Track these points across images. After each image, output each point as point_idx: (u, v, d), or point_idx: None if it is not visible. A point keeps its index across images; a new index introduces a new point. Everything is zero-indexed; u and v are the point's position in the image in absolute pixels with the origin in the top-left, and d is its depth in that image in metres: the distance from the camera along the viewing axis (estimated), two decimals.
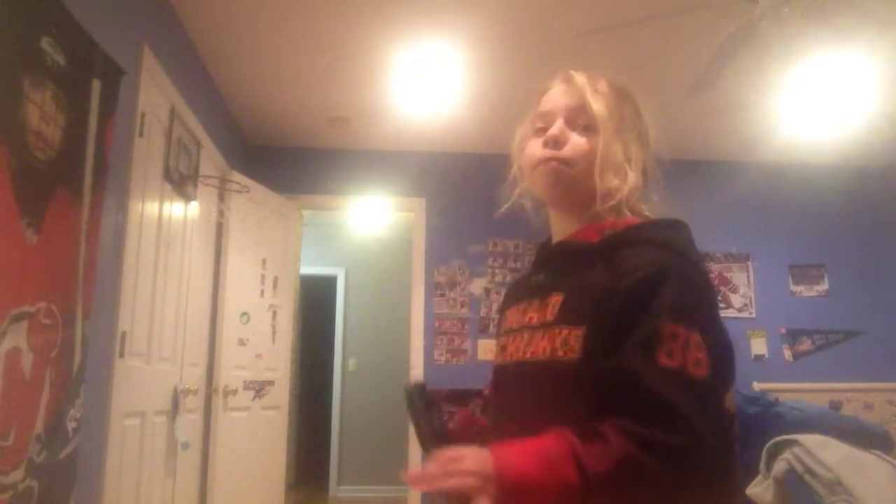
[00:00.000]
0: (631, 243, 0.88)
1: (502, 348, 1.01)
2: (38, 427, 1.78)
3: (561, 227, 1.01)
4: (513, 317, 1.01)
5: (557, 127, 0.97)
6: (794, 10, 2.42)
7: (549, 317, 0.90)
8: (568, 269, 0.93)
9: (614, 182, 0.93)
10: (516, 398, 0.95)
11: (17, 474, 1.68)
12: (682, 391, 0.74)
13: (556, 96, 1.01)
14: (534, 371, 0.90)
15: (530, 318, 0.94)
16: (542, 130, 0.99)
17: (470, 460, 0.76)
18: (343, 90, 3.72)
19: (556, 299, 0.90)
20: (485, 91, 3.69)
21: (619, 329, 0.80)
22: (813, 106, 3.82)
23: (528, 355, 0.91)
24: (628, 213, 0.95)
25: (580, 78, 1.00)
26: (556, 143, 0.97)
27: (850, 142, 4.28)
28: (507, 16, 2.96)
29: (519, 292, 1.03)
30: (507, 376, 0.97)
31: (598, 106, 0.96)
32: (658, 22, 2.75)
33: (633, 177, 0.94)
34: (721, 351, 0.80)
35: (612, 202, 0.93)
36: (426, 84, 3.63)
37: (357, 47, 3.24)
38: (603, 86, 0.98)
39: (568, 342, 0.84)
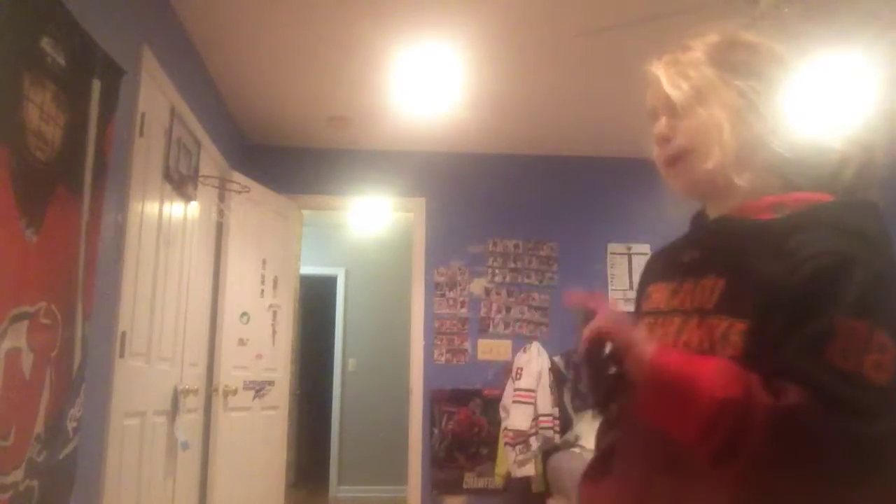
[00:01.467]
0: (811, 226, 0.76)
1: (649, 330, 0.88)
2: (38, 427, 1.78)
3: (716, 204, 0.90)
4: (659, 295, 0.90)
5: (660, 124, 0.91)
6: (794, 11, 2.42)
7: (708, 304, 0.79)
8: (730, 249, 0.82)
9: (716, 152, 0.84)
10: None
11: (17, 474, 1.68)
12: (856, 394, 0.66)
13: (650, 95, 0.94)
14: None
15: (682, 301, 0.84)
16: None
17: (635, 334, 0.76)
18: (343, 90, 3.72)
19: (714, 283, 0.80)
20: (485, 91, 3.69)
21: (791, 325, 0.70)
22: (813, 106, 3.82)
23: (681, 344, 0.81)
24: (770, 167, 0.85)
25: (657, 67, 0.93)
26: (663, 140, 0.91)
27: (849, 142, 4.27)
28: (507, 16, 2.96)
29: (666, 267, 0.92)
30: None
31: (678, 87, 0.89)
32: (658, 22, 2.75)
33: (730, 136, 0.84)
34: None
35: (728, 172, 0.85)
36: (426, 84, 3.63)
37: (357, 47, 3.24)
38: (690, 55, 0.91)
39: (728, 336, 0.75)
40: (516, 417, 3.85)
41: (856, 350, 0.66)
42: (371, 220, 5.77)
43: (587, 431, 3.73)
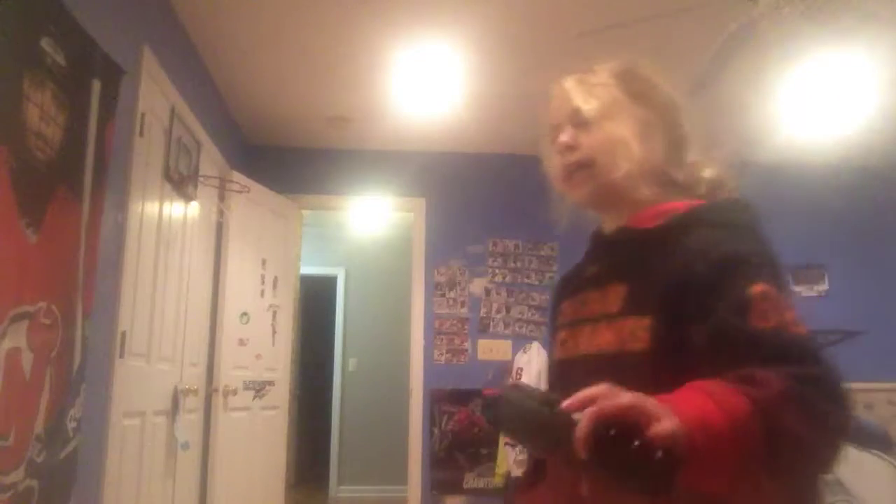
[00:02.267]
0: (695, 226, 0.87)
1: (562, 343, 0.98)
2: (38, 427, 1.78)
3: (612, 217, 1.00)
4: (569, 309, 0.99)
5: (566, 134, 0.99)
6: (794, 10, 2.41)
7: (613, 308, 0.87)
8: (628, 258, 0.92)
9: (623, 165, 0.93)
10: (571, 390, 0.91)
11: (17, 474, 1.68)
12: (791, 342, 0.74)
13: (554, 109, 1.03)
14: (601, 364, 0.87)
15: (591, 310, 0.92)
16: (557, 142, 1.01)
17: (650, 406, 0.64)
18: (343, 90, 3.72)
19: (617, 289, 0.89)
20: (485, 91, 3.69)
21: (707, 307, 0.77)
22: (813, 106, 3.82)
23: (593, 348, 0.89)
24: (670, 184, 0.94)
25: (567, 83, 1.02)
26: (569, 149, 0.98)
27: (850, 142, 4.28)
28: (506, 16, 2.96)
29: (573, 284, 1.01)
30: (573, 371, 0.94)
31: (588, 101, 0.97)
32: (658, 22, 2.75)
33: (639, 152, 0.93)
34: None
35: (634, 184, 0.93)
36: (426, 84, 3.63)
37: (357, 47, 3.24)
38: (597, 77, 1.00)
39: (636, 333, 0.83)
40: None
41: (773, 309, 0.75)
42: (371, 220, 5.77)
43: None
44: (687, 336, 0.78)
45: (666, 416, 0.63)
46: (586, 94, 0.98)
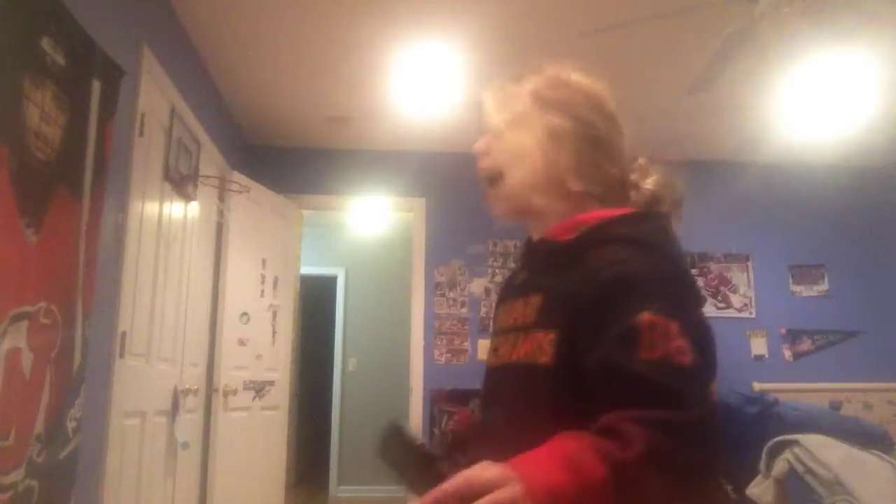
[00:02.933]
0: (598, 242, 0.86)
1: (494, 350, 0.97)
2: (38, 427, 1.78)
3: (535, 226, 0.99)
4: (503, 315, 0.99)
5: (480, 141, 1.01)
6: (794, 10, 2.41)
7: (530, 318, 0.88)
8: (545, 269, 0.92)
9: (521, 175, 0.94)
10: (500, 403, 0.93)
11: (17, 474, 1.68)
12: (671, 377, 0.72)
13: (483, 116, 1.03)
14: (514, 375, 0.88)
15: (515, 320, 0.92)
16: None
17: (488, 476, 0.65)
18: (343, 90, 3.72)
19: (535, 300, 0.89)
20: (485, 91, 3.68)
21: (595, 330, 0.77)
22: (813, 106, 3.82)
23: (513, 358, 0.89)
24: (576, 192, 0.92)
25: (488, 92, 1.03)
26: (479, 156, 1.01)
27: (850, 142, 4.28)
28: (506, 16, 2.96)
29: (508, 290, 1.02)
30: (498, 380, 0.94)
31: (500, 111, 0.99)
32: (658, 22, 2.75)
33: (540, 162, 0.92)
34: (705, 340, 0.78)
35: (536, 195, 0.93)
36: (426, 84, 3.63)
37: (357, 47, 3.24)
38: (517, 86, 1.00)
39: (542, 346, 0.83)
40: None
41: (659, 340, 0.73)
42: (371, 220, 5.77)
43: None
44: (582, 356, 0.78)
45: (508, 483, 0.64)
46: (501, 103, 1.00)
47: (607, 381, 0.74)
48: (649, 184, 0.95)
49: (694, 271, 4.51)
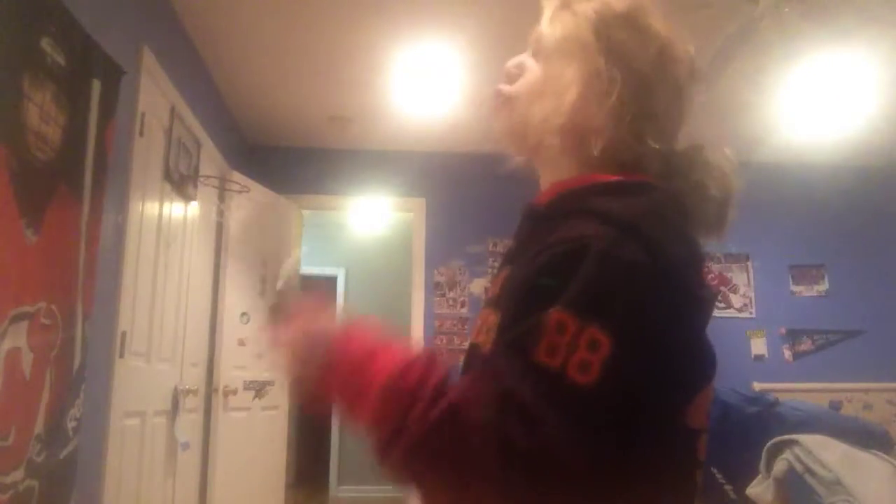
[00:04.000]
0: (568, 212, 0.70)
1: (475, 325, 0.84)
2: (38, 427, 1.78)
3: (540, 178, 0.85)
4: (490, 286, 0.85)
5: (515, 59, 0.85)
6: (794, 10, 2.42)
7: (493, 294, 0.76)
8: (521, 238, 0.79)
9: (539, 110, 0.77)
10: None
11: (17, 474, 1.68)
12: (554, 397, 0.57)
13: (535, 29, 0.86)
14: (469, 357, 0.78)
15: (489, 294, 0.79)
16: None
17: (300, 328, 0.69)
18: (343, 90, 3.72)
19: (503, 273, 0.77)
20: (485, 91, 3.68)
21: (514, 317, 0.64)
22: (813, 106, 3.82)
23: (474, 338, 0.77)
24: (596, 158, 0.76)
25: (548, 4, 0.86)
26: (507, 75, 0.85)
27: (850, 142, 4.28)
28: (507, 16, 2.96)
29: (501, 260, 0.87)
30: (468, 357, 0.81)
31: (551, 25, 0.82)
32: None
33: (569, 105, 0.75)
34: (655, 355, 0.61)
35: (547, 138, 0.77)
36: (426, 84, 3.63)
37: (357, 47, 3.24)
38: (583, 5, 0.81)
39: (489, 330, 0.71)
40: None
41: (562, 346, 0.58)
42: (371, 220, 5.77)
43: None
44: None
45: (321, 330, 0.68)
46: (556, 20, 0.83)
47: (505, 365, 0.61)
48: (696, 172, 0.80)
49: None
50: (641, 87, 0.76)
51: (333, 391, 0.70)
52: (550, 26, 0.83)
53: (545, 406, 0.56)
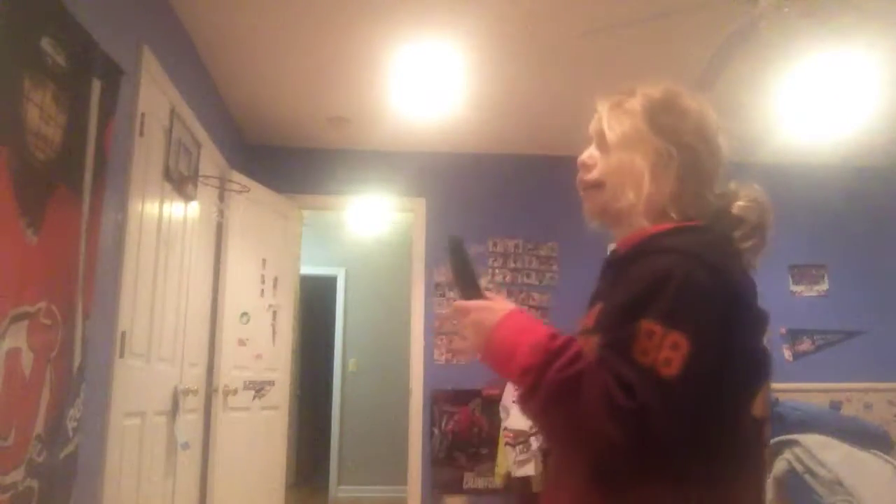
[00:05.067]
0: (648, 252, 0.89)
1: None
2: (38, 427, 1.78)
3: (616, 236, 1.05)
4: (583, 319, 1.06)
5: (586, 153, 1.06)
6: (794, 10, 2.41)
7: (591, 323, 0.94)
8: (608, 278, 0.99)
9: (629, 196, 0.97)
10: None
11: (17, 474, 1.68)
12: (647, 383, 0.76)
13: (592, 126, 1.07)
14: None
15: (584, 324, 0.98)
16: None
17: (474, 315, 0.97)
18: (343, 90, 3.72)
19: (596, 308, 0.95)
20: (485, 91, 3.69)
21: (616, 325, 0.83)
22: (813, 106, 3.82)
23: None
24: (672, 217, 0.96)
25: (601, 104, 1.05)
26: (584, 167, 1.05)
27: (850, 142, 4.28)
28: (507, 16, 2.96)
29: (590, 295, 1.10)
30: None
31: (612, 128, 1.01)
32: (658, 22, 2.75)
33: (649, 186, 0.96)
34: (724, 357, 0.80)
35: (635, 215, 0.97)
36: (426, 84, 3.63)
37: (357, 47, 3.24)
38: (630, 103, 1.01)
39: (594, 350, 0.88)
40: (516, 417, 3.85)
41: (651, 348, 0.78)
42: (371, 220, 5.77)
43: None
44: None
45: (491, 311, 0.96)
46: (614, 119, 1.02)
47: (607, 359, 0.82)
48: (735, 207, 0.99)
49: None
50: (692, 155, 0.97)
51: (496, 351, 0.92)
52: (611, 125, 1.02)
53: (642, 388, 0.76)
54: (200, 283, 3.37)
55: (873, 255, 4.61)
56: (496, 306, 0.97)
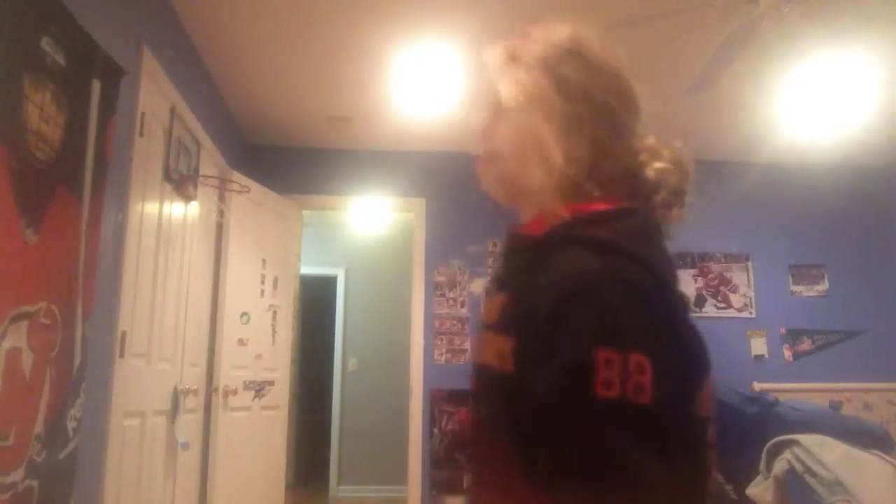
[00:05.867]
0: (565, 242, 0.75)
1: (473, 346, 0.91)
2: (38, 427, 1.78)
3: (522, 214, 0.88)
4: (483, 310, 0.90)
5: (480, 118, 0.90)
6: (794, 10, 2.42)
7: (493, 318, 0.79)
8: (514, 264, 0.83)
9: (534, 169, 0.81)
10: (482, 402, 0.85)
11: (17, 474, 1.68)
12: (623, 426, 0.63)
13: (487, 83, 0.89)
14: (478, 376, 0.82)
15: (486, 317, 0.83)
16: None
17: None
18: (343, 90, 3.72)
19: (500, 298, 0.80)
20: (485, 91, 3.68)
21: (543, 357, 0.68)
22: (813, 106, 3.82)
23: (480, 358, 0.81)
24: (588, 191, 0.80)
25: (494, 54, 0.89)
26: (478, 135, 0.90)
27: (850, 141, 4.28)
28: (507, 15, 2.96)
29: (490, 283, 0.91)
30: (476, 377, 0.85)
31: (508, 87, 0.85)
32: (658, 22, 2.75)
33: (556, 156, 0.79)
34: (674, 361, 0.67)
35: (544, 191, 0.81)
36: (426, 84, 3.63)
37: (357, 47, 3.24)
38: (529, 53, 0.86)
39: (503, 353, 0.74)
40: None
41: (616, 377, 0.63)
42: (371, 220, 5.77)
43: None
44: (532, 376, 0.69)
45: None
46: (509, 76, 0.86)
47: (548, 426, 0.66)
48: (652, 170, 0.85)
49: (694, 271, 4.51)
50: (603, 112, 0.82)
51: None
52: (506, 84, 0.85)
53: (620, 435, 0.62)
54: (200, 283, 3.37)
55: (873, 255, 4.61)
56: None
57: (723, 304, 4.48)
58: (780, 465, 2.98)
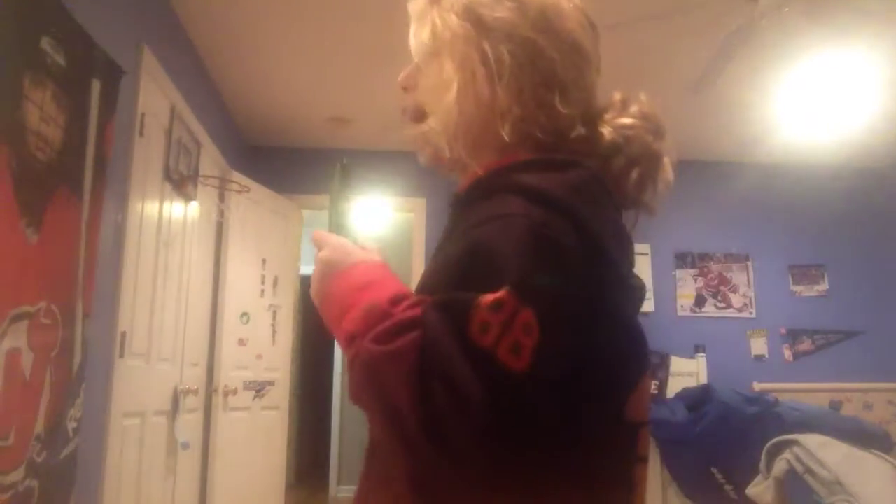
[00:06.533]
0: (490, 190, 0.66)
1: None
2: (38, 427, 1.78)
3: (459, 178, 0.82)
4: None
5: (403, 72, 0.83)
6: (794, 10, 2.42)
7: (420, 283, 0.72)
8: (448, 227, 0.77)
9: (439, 116, 0.74)
10: None
11: (17, 474, 1.68)
12: (480, 377, 0.53)
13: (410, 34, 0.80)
14: None
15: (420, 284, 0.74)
16: None
17: (328, 252, 0.73)
18: (343, 90, 3.72)
19: (432, 262, 0.74)
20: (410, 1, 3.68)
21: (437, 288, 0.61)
22: (813, 106, 3.82)
23: None
24: (516, 147, 0.71)
25: (413, 8, 0.83)
26: (403, 90, 0.82)
27: (850, 142, 4.28)
28: None
29: None
30: None
31: (421, 33, 0.79)
32: (658, 22, 2.75)
33: (472, 108, 0.71)
34: (586, 346, 0.58)
35: (466, 147, 0.73)
36: None
37: (357, 47, 3.24)
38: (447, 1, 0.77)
39: None
40: None
41: (497, 325, 0.54)
42: (371, 220, 5.77)
43: None
44: None
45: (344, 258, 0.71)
46: (425, 24, 0.79)
47: (430, 344, 0.57)
48: (612, 127, 0.74)
49: (694, 271, 4.50)
50: (533, 56, 0.71)
51: (331, 305, 0.70)
52: (421, 28, 0.79)
53: (474, 382, 0.53)
54: (200, 283, 3.37)
55: (873, 256, 4.61)
56: (355, 251, 0.73)
57: (723, 304, 4.48)
58: (779, 465, 2.98)
